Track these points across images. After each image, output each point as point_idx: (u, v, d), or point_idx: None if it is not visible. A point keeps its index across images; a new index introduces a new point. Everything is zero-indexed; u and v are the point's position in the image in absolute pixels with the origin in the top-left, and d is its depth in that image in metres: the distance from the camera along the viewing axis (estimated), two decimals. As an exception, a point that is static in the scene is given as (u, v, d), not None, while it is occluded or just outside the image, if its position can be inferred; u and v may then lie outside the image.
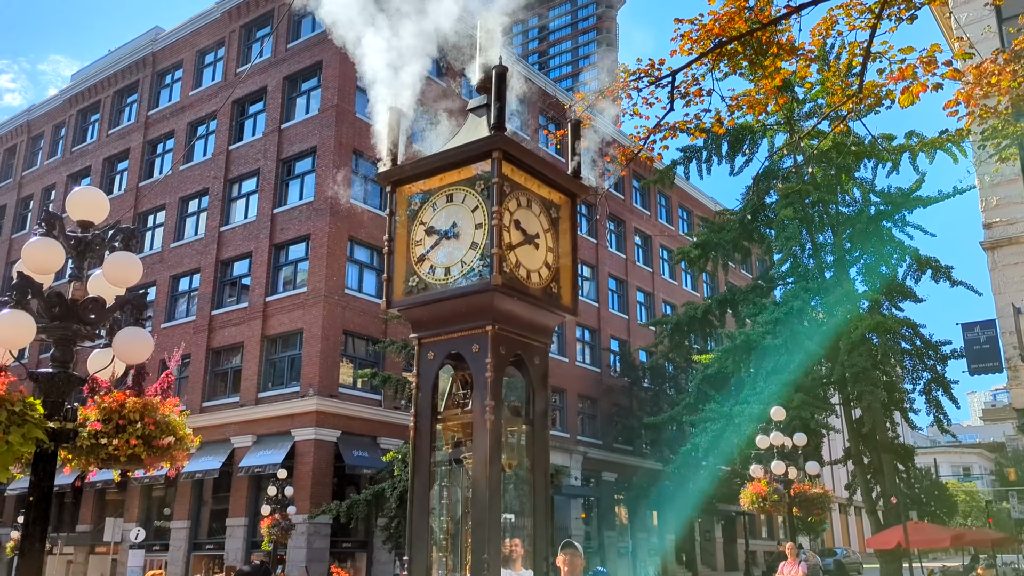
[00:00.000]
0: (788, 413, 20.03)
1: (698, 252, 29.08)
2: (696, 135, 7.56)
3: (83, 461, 5.36)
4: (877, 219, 26.45)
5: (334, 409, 26.13)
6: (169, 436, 5.49)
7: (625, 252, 42.61)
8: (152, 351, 5.54)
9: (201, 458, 26.75)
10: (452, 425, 4.65)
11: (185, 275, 31.82)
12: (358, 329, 27.84)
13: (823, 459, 27.58)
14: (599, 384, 38.80)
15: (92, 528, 31.07)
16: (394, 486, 22.55)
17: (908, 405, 26.96)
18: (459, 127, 5.15)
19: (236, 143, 31.85)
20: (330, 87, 29.03)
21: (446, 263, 4.50)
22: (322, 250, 27.35)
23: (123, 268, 5.54)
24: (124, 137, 36.55)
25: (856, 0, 6.33)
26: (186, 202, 33.03)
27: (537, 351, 4.59)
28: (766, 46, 6.77)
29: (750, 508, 17.17)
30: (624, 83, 7.03)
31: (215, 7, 33.80)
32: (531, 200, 4.66)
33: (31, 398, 4.84)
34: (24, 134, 42.87)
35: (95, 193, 5.80)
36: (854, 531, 65.43)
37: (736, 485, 26.17)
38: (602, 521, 37.68)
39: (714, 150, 28.02)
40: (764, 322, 25.40)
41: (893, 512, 24.74)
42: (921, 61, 6.04)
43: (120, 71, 37.69)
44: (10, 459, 4.66)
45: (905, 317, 26.02)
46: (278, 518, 21.67)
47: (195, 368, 29.52)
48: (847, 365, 23.74)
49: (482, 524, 4.07)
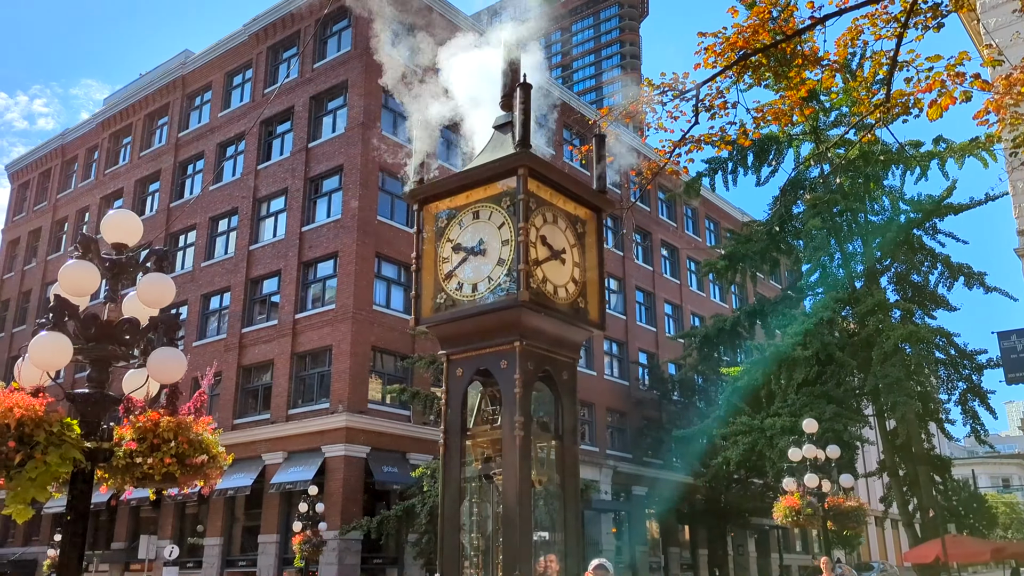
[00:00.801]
0: (820, 425, 19.77)
1: (725, 264, 28.88)
2: (721, 147, 7.54)
3: (119, 480, 5.42)
4: (907, 227, 26.13)
5: (363, 425, 26.23)
6: (202, 454, 5.54)
7: (652, 264, 42.44)
8: (185, 371, 5.62)
9: (233, 475, 26.95)
10: (481, 441, 4.66)
11: (216, 294, 32.20)
12: (386, 345, 27.96)
13: (857, 471, 27.13)
14: (628, 398, 38.58)
15: (127, 545, 31.38)
16: (424, 502, 22.56)
17: (944, 416, 26.51)
18: (485, 144, 5.19)
19: (264, 163, 32.27)
20: (356, 106, 29.33)
21: (473, 279, 4.52)
22: (350, 267, 27.55)
23: (156, 289, 5.63)
24: (155, 159, 37.16)
25: (881, 9, 6.29)
26: (216, 222, 33.47)
27: (565, 366, 4.59)
28: (790, 57, 6.75)
29: (783, 522, 16.96)
30: (648, 97, 7.04)
31: (242, 30, 34.34)
32: (557, 216, 4.67)
33: (68, 418, 4.92)
34: (58, 158, 43.76)
35: (128, 216, 5.90)
36: (891, 544, 64.22)
37: (769, 498, 25.87)
38: (633, 535, 37.36)
39: (740, 161, 27.86)
40: (794, 333, 25.14)
41: (931, 525, 24.29)
42: (949, 70, 5.97)
43: (151, 94, 38.38)
44: (48, 479, 4.74)
45: (938, 326, 25.63)
46: (309, 535, 21.73)
47: (226, 386, 29.81)
48: (880, 376, 23.40)
49: (512, 540, 4.07)
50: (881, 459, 29.19)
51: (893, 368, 23.14)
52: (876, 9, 6.24)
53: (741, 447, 24.55)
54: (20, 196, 46.43)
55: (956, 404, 25.95)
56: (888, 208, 27.19)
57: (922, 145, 25.79)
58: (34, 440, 4.68)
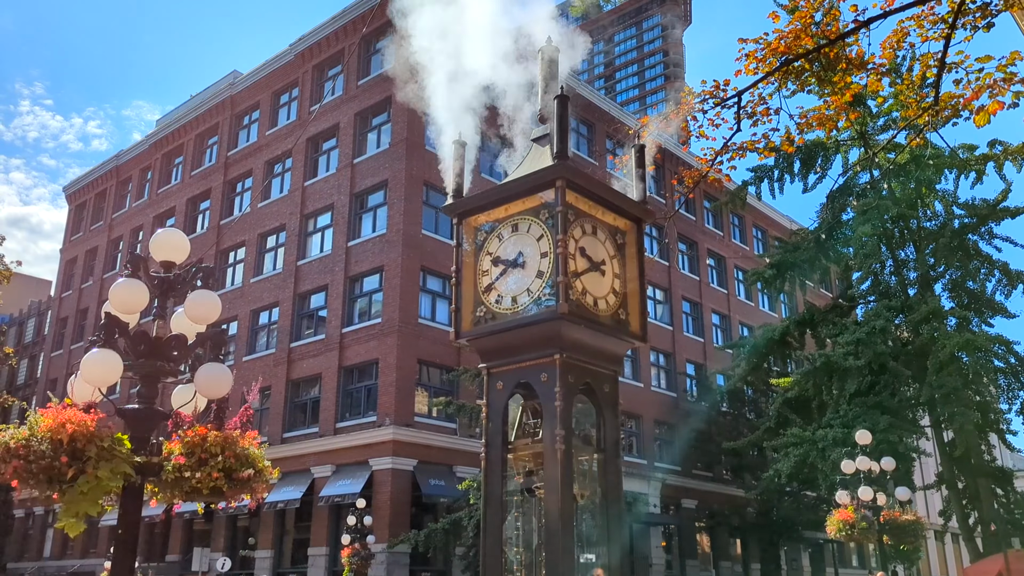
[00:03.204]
0: (874, 436, 19.29)
1: (773, 272, 28.40)
2: (765, 154, 7.43)
3: (168, 494, 5.52)
4: (962, 232, 25.44)
5: (410, 438, 26.35)
6: (249, 469, 5.61)
7: (699, 274, 42.00)
8: (231, 386, 5.70)
9: (283, 488, 27.27)
10: (523, 455, 4.64)
11: (265, 309, 32.72)
12: (432, 358, 28.09)
13: (915, 484, 26.41)
14: (676, 409, 38.14)
15: (181, 558, 31.93)
16: (471, 515, 22.55)
17: (1004, 426, 25.67)
18: (524, 157, 5.19)
19: (311, 179, 32.77)
20: (399, 121, 29.64)
21: (513, 292, 4.51)
22: (395, 281, 27.78)
23: (203, 306, 5.73)
24: (206, 178, 38.00)
25: (928, 11, 6.15)
26: (265, 238, 34.06)
27: (607, 379, 4.55)
28: (834, 62, 6.62)
29: (837, 536, 16.56)
30: (690, 105, 6.97)
31: (288, 50, 35.00)
32: (596, 227, 4.65)
33: (119, 434, 5.03)
34: (113, 179, 45.03)
35: (176, 234, 6.03)
36: (951, 560, 62.32)
37: (823, 512, 25.29)
38: (683, 550, 36.84)
39: (786, 168, 27.43)
40: (845, 342, 24.60)
41: (993, 540, 23.50)
42: (1000, 70, 5.81)
43: (201, 115, 39.31)
44: (99, 493, 4.84)
45: (997, 334, 24.84)
46: (358, 547, 21.88)
47: (275, 400, 30.23)
48: (935, 385, 22.77)
49: (555, 555, 4.03)
50: (939, 471, 28.37)
51: (950, 378, 22.50)
52: (923, 10, 6.10)
53: (792, 459, 24.06)
54: (77, 216, 47.86)
55: (1017, 414, 25.13)
56: (942, 213, 26.52)
57: (976, 148, 25.13)
58: (86, 455, 4.79)
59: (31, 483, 4.77)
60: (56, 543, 40.09)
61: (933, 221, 26.57)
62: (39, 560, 40.80)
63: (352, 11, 32.30)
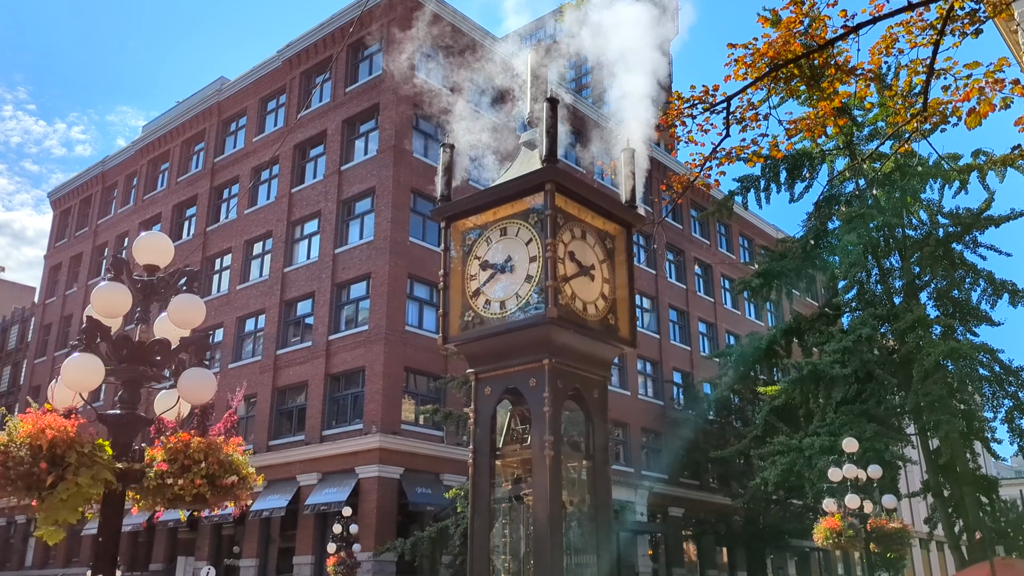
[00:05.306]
0: (861, 444, 19.32)
1: (760, 281, 28.49)
2: (753, 160, 7.41)
3: (150, 501, 5.43)
4: (946, 241, 25.60)
5: (397, 446, 26.21)
6: (232, 475, 5.54)
7: (685, 282, 42.09)
8: (215, 391, 5.62)
9: (268, 496, 27.05)
10: (511, 461, 4.58)
11: (251, 316, 32.53)
12: (419, 366, 27.98)
13: (900, 492, 26.46)
14: (663, 417, 38.15)
15: (165, 566, 31.59)
16: (457, 523, 22.43)
17: (989, 434, 25.78)
18: (512, 161, 5.15)
19: (298, 186, 32.65)
20: (387, 128, 29.58)
21: (501, 297, 4.46)
22: (382, 288, 27.68)
23: (187, 310, 5.66)
24: (192, 184, 37.79)
25: (916, 17, 6.16)
26: (251, 245, 33.88)
27: (596, 384, 4.51)
28: (823, 68, 6.63)
29: (824, 544, 16.57)
30: (678, 110, 6.95)
31: (275, 56, 34.90)
32: (585, 231, 4.61)
33: (101, 440, 4.93)
34: (98, 184, 44.71)
35: (159, 238, 5.95)
36: (936, 567, 62.56)
37: (809, 520, 25.33)
38: (670, 558, 36.80)
39: (772, 178, 27.55)
40: (832, 351, 24.68)
41: (978, 547, 23.57)
42: (988, 76, 5.83)
43: (188, 121, 39.12)
44: (79, 500, 4.75)
45: (981, 342, 24.98)
46: (344, 556, 21.72)
47: (261, 407, 30.01)
48: (921, 393, 22.87)
49: (543, 562, 3.98)
50: (925, 479, 28.47)
51: (935, 386, 22.60)
52: (911, 16, 6.12)
53: (779, 467, 24.08)
54: (62, 222, 47.48)
55: (1002, 422, 25.23)
56: (927, 222, 26.69)
57: (960, 158, 25.30)
58: (66, 461, 4.69)
59: (9, 490, 4.67)
60: (38, 552, 39.60)
61: (918, 230, 26.74)
62: (20, 569, 40.28)
63: (340, 18, 32.25)
